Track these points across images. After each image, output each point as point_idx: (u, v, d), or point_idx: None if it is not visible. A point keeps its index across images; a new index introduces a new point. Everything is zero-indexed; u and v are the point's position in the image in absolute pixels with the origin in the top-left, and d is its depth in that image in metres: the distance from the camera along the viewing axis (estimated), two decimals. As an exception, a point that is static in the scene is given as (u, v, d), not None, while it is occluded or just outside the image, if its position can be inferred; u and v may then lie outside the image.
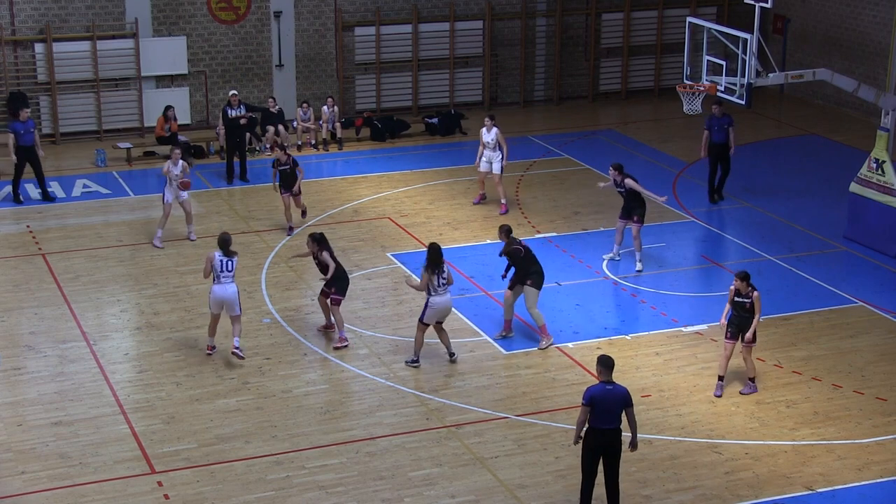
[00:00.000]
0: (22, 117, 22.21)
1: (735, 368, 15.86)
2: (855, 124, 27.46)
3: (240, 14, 27.13)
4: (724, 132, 22.09)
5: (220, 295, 16.07)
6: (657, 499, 13.30)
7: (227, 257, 16.07)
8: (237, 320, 16.24)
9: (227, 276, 16.05)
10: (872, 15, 27.88)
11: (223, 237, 16.26)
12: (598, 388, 12.41)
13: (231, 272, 16.09)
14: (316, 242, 16.66)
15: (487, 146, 21.67)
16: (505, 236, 16.96)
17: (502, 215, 21.46)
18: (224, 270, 16.05)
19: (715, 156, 22.35)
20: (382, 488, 13.45)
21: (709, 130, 22.20)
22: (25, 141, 22.07)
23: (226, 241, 16.18)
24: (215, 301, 16.15)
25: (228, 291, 16.07)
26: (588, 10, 29.43)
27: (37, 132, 22.48)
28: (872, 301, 18.32)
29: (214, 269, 16.06)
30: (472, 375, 16.04)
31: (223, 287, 16.07)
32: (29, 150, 22.12)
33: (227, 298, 16.09)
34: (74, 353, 16.61)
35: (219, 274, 16.05)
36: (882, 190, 20.15)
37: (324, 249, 16.61)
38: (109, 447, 14.24)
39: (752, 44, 19.05)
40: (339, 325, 16.70)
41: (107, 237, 20.90)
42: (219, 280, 16.08)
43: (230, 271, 16.08)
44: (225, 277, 16.05)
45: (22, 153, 22.07)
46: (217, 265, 16.05)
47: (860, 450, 14.29)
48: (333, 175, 24.44)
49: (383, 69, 28.19)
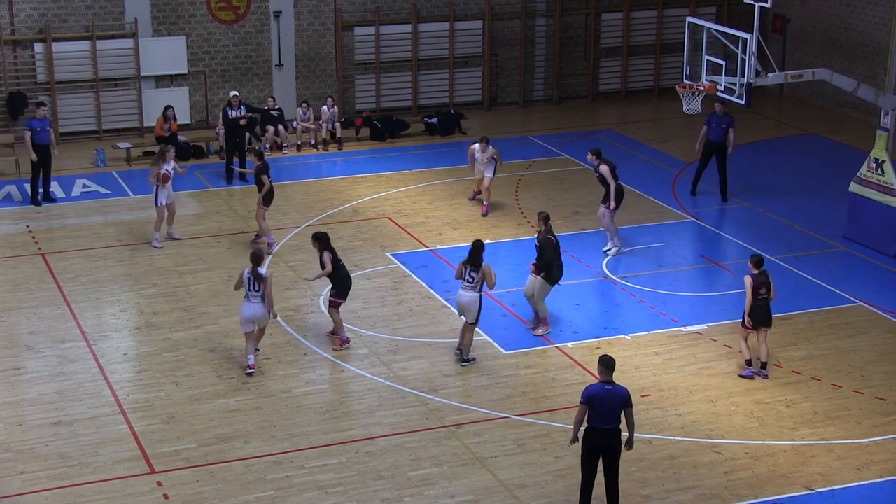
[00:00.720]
0: (38, 115, 22.14)
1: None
2: (854, 124, 27.47)
3: (239, 14, 27.13)
4: (722, 131, 22.13)
5: (248, 315, 15.66)
6: (657, 498, 13.30)
7: (254, 278, 15.60)
8: (263, 333, 16.05)
9: (254, 296, 15.63)
10: (872, 15, 27.88)
11: (255, 253, 15.89)
12: (598, 388, 12.41)
13: (259, 292, 15.63)
14: (318, 242, 16.55)
15: (479, 162, 21.63)
16: (543, 223, 17.07)
17: (483, 216, 21.52)
18: (252, 289, 15.65)
19: (709, 153, 22.42)
20: (382, 488, 13.46)
21: (707, 126, 22.27)
22: (41, 139, 21.98)
23: (257, 257, 15.76)
24: (245, 320, 15.74)
25: (258, 311, 15.63)
26: (588, 9, 29.43)
27: (52, 130, 22.42)
28: (872, 301, 18.32)
29: (245, 286, 15.71)
30: (472, 375, 16.04)
31: (251, 306, 15.64)
32: (43, 149, 22.04)
33: (257, 316, 15.67)
34: (74, 352, 16.61)
35: (248, 292, 15.69)
36: (882, 190, 20.15)
37: (325, 250, 16.49)
38: (109, 447, 14.24)
39: (751, 44, 19.05)
40: (337, 327, 16.67)
41: (106, 237, 20.90)
42: (248, 298, 15.69)
43: (258, 291, 15.64)
44: (253, 297, 15.63)
45: (37, 151, 21.98)
46: (246, 282, 15.68)
47: (859, 449, 14.29)
48: (333, 175, 24.44)
49: (383, 69, 28.19)
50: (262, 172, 19.90)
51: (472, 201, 22.38)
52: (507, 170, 24.27)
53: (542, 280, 16.86)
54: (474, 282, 16.01)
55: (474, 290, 16.06)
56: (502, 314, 17.56)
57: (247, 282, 15.66)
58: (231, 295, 18.43)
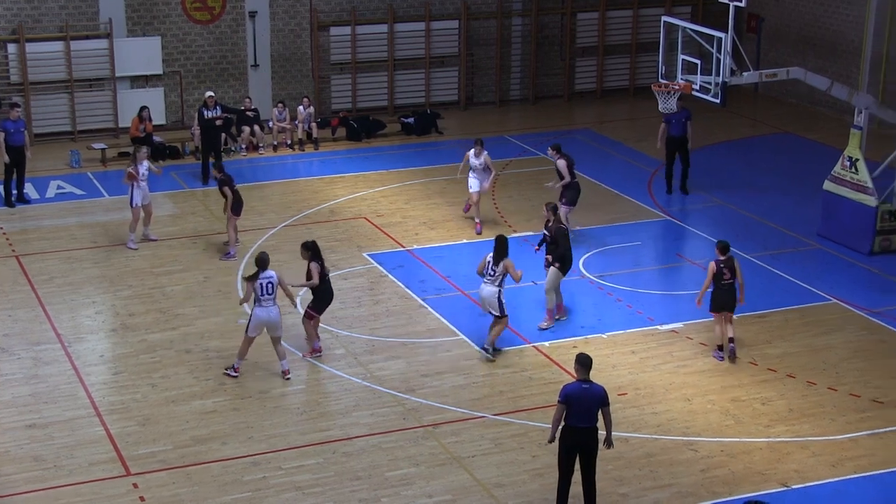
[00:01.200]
0: (13, 116, 21.99)
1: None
2: (828, 122, 27.62)
3: (215, 14, 27.05)
4: (682, 125, 22.41)
5: (263, 318, 15.46)
6: (634, 497, 13.34)
7: (267, 279, 15.37)
8: (279, 342, 15.80)
9: (267, 299, 15.46)
10: (845, 14, 28.05)
11: (261, 257, 15.59)
12: (575, 387, 12.44)
13: (272, 295, 15.47)
14: (308, 251, 16.20)
15: (475, 169, 20.78)
16: (552, 213, 17.24)
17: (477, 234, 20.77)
18: (265, 293, 15.43)
19: (673, 149, 22.71)
20: (359, 488, 13.44)
21: (666, 123, 22.52)
22: (15, 140, 21.83)
23: (263, 261, 15.52)
24: (257, 324, 15.53)
25: (272, 315, 15.51)
26: (563, 9, 29.49)
27: (27, 132, 22.28)
28: (846, 298, 18.43)
29: (255, 291, 15.44)
30: (449, 375, 16.04)
31: (266, 310, 15.45)
32: (17, 150, 21.90)
33: (270, 321, 15.53)
34: (49, 355, 16.52)
35: (259, 297, 15.44)
36: (855, 188, 20.27)
37: (314, 260, 16.17)
38: (84, 449, 14.17)
39: (726, 43, 19.13)
40: (309, 338, 16.51)
41: (81, 238, 20.79)
42: (259, 303, 15.45)
43: (270, 294, 15.46)
44: (266, 301, 15.46)
45: (11, 153, 21.84)
46: (258, 288, 15.42)
47: (834, 446, 14.38)
48: (309, 175, 24.40)
49: (359, 69, 28.17)
50: (224, 185, 19.64)
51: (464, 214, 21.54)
52: (484, 169, 24.29)
53: (556, 270, 17.06)
54: (495, 275, 16.16)
55: (494, 284, 16.18)
56: (479, 314, 17.57)
57: (259, 287, 15.38)
58: (207, 296, 18.40)
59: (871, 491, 13.49)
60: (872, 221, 20.01)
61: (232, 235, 19.81)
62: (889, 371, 16.19)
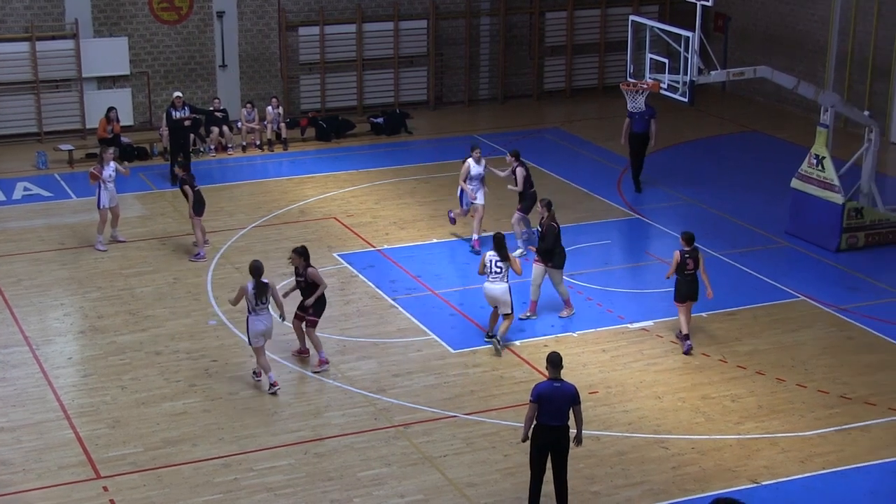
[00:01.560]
0: None
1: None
2: (795, 121, 27.82)
3: (182, 14, 26.91)
4: (645, 122, 22.57)
5: (259, 328, 15.14)
6: (605, 495, 13.38)
7: (260, 290, 15.09)
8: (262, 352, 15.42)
9: (262, 308, 15.12)
10: (811, 13, 28.26)
11: (254, 265, 15.22)
12: (546, 386, 12.46)
13: (266, 304, 15.16)
14: (301, 257, 15.84)
15: (473, 180, 20.04)
16: (546, 209, 17.49)
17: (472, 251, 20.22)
18: (259, 303, 15.11)
19: (636, 145, 22.88)
20: (331, 489, 13.42)
21: (630, 119, 22.68)
22: None
23: (257, 269, 15.13)
24: (255, 333, 15.21)
25: (268, 324, 15.23)
26: (532, 9, 29.55)
27: None
28: (814, 295, 18.56)
29: (249, 300, 15.12)
30: (420, 374, 16.04)
31: (260, 319, 15.13)
32: None
33: (268, 330, 15.26)
34: (16, 357, 16.38)
35: (253, 306, 15.11)
36: (822, 186, 20.42)
37: (310, 265, 15.91)
38: (53, 453, 14.06)
39: (693, 42, 19.22)
40: (317, 347, 16.13)
41: (49, 240, 20.64)
42: (254, 312, 15.13)
43: (265, 304, 15.14)
44: (261, 310, 15.13)
45: None
46: (251, 296, 15.10)
47: (803, 442, 14.48)
48: (279, 175, 24.32)
49: (328, 69, 28.11)
50: (185, 184, 19.52)
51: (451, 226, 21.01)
52: (453, 169, 24.27)
53: (552, 268, 17.36)
54: (502, 272, 16.36)
55: (503, 280, 16.38)
56: (450, 313, 17.58)
57: (252, 296, 15.08)
58: (177, 297, 18.30)
59: (840, 487, 13.59)
60: (839, 219, 20.18)
61: (199, 236, 19.67)
62: (857, 367, 16.33)
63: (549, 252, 17.35)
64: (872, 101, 26.31)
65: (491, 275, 16.40)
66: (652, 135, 22.78)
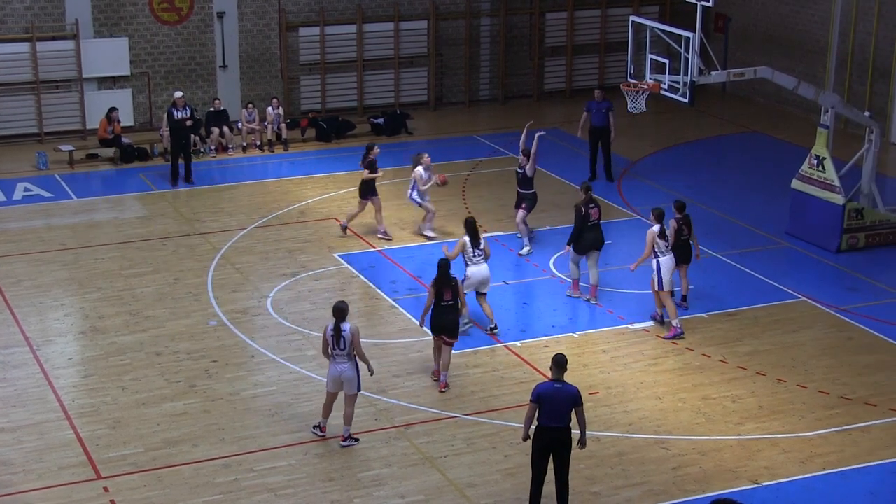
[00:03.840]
0: None
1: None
2: (796, 121, 27.82)
3: (182, 15, 26.91)
4: (603, 115, 23.20)
5: (332, 374, 14.01)
6: (605, 495, 13.38)
7: (336, 335, 13.80)
8: (351, 402, 14.14)
9: (339, 354, 13.86)
10: (811, 14, 28.26)
11: (338, 306, 13.91)
12: (547, 386, 12.46)
13: (344, 350, 13.83)
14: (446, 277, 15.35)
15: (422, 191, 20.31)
16: (584, 192, 18.20)
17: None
18: (337, 347, 13.87)
19: (595, 138, 23.59)
20: (332, 489, 13.42)
21: (588, 112, 23.47)
22: None
23: (340, 311, 13.84)
24: (328, 379, 14.12)
25: (344, 370, 13.92)
26: (532, 9, 29.55)
27: None
28: (814, 296, 18.56)
29: (329, 343, 13.90)
30: (421, 375, 16.04)
31: (335, 366, 13.94)
32: None
33: (341, 377, 13.95)
34: (17, 358, 16.39)
35: (332, 350, 13.90)
36: (823, 186, 20.42)
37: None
38: (54, 453, 14.06)
39: (694, 42, 19.22)
40: (444, 367, 15.53)
41: (49, 241, 20.64)
42: (333, 357, 13.94)
43: (343, 350, 13.83)
44: (338, 355, 13.88)
45: None
46: (329, 339, 13.88)
47: (804, 443, 14.48)
48: (279, 176, 24.33)
49: (328, 69, 28.11)
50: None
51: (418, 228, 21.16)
52: (455, 169, 24.32)
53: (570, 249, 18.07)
54: (483, 254, 16.80)
55: (485, 261, 16.86)
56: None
57: (330, 339, 13.89)
58: (178, 298, 18.31)
59: (840, 487, 13.60)
60: (840, 219, 20.18)
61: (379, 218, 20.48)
62: (857, 368, 16.33)
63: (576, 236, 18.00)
64: (873, 102, 26.32)
65: (475, 258, 16.74)
66: (612, 126, 23.37)
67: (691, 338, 17.03)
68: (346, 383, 14.01)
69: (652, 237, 17.00)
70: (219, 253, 20.02)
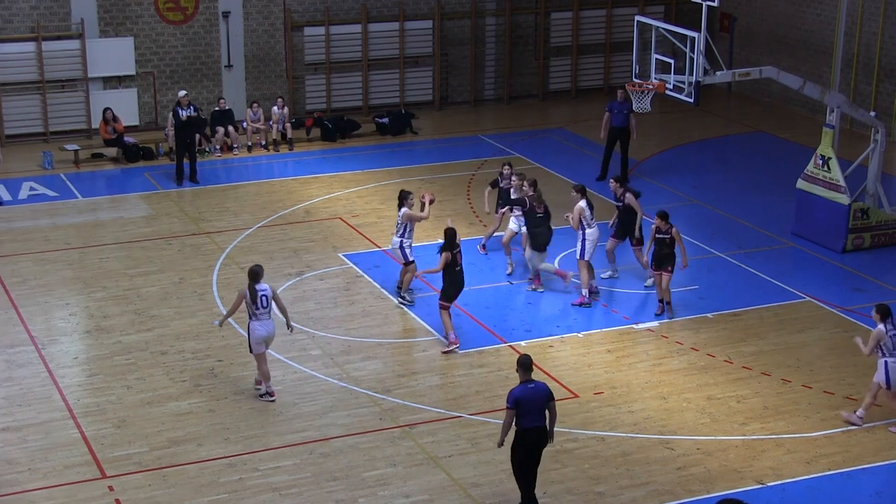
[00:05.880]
0: None
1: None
2: (801, 121, 27.79)
3: (188, 14, 26.94)
4: (624, 117, 23.08)
5: (260, 334, 14.88)
6: (610, 495, 13.38)
7: (261, 292, 14.74)
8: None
9: (262, 313, 14.84)
10: (817, 13, 28.23)
11: (253, 269, 14.93)
12: (521, 389, 12.43)
13: (266, 308, 14.85)
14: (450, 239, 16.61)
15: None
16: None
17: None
18: (259, 307, 14.82)
19: (613, 138, 23.46)
20: (336, 489, 13.43)
21: (609, 113, 23.33)
22: None
23: (255, 273, 14.84)
24: (256, 340, 14.92)
25: (270, 329, 14.95)
26: (537, 9, 29.55)
27: None
28: (819, 296, 18.54)
29: (248, 305, 14.84)
30: (425, 375, 16.04)
31: (262, 324, 14.86)
32: None
33: (269, 336, 14.98)
34: (22, 357, 16.41)
35: (253, 310, 14.82)
36: (828, 186, 20.40)
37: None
38: (59, 452, 14.08)
39: (699, 42, 19.20)
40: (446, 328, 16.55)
41: (55, 240, 20.67)
42: (255, 317, 14.84)
43: (265, 307, 14.84)
44: (261, 314, 14.83)
45: None
46: (249, 301, 14.82)
47: (809, 443, 14.46)
48: (284, 176, 24.34)
49: (333, 69, 28.13)
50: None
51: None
52: (459, 169, 24.32)
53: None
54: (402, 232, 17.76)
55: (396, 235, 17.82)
56: (455, 313, 17.57)
57: (250, 300, 14.83)
58: (183, 297, 18.32)
59: (845, 488, 13.58)
60: (845, 220, 20.15)
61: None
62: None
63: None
64: (878, 102, 26.28)
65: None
66: (633, 128, 23.25)
67: (696, 338, 17.02)
68: (272, 340, 15.10)
69: (579, 211, 17.73)
70: (224, 252, 20.04)
